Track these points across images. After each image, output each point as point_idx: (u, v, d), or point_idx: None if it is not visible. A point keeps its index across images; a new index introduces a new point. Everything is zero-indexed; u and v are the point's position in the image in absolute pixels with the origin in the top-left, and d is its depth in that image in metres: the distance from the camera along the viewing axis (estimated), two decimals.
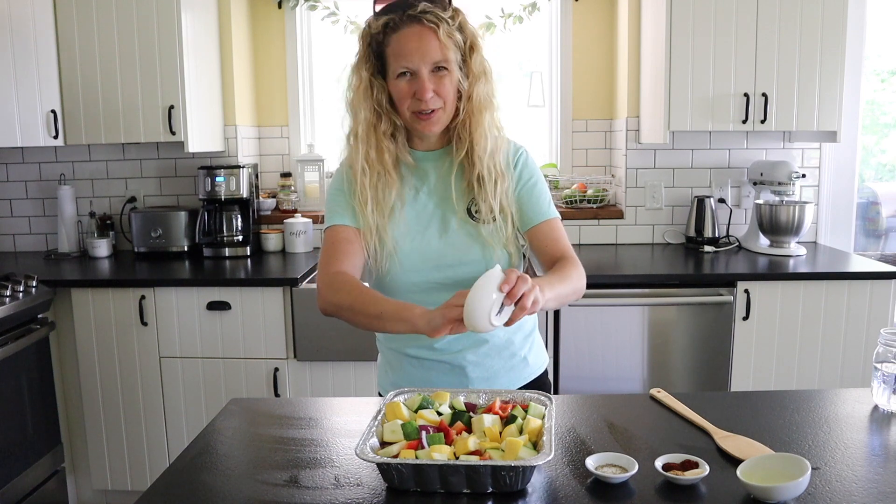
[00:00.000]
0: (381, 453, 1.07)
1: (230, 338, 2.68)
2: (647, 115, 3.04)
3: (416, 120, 1.38)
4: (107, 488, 2.83)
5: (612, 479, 1.04)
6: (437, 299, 1.39)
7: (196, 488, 1.08)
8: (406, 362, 1.49)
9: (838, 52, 2.75)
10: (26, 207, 3.36)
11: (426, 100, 1.33)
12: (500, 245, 1.42)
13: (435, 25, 1.31)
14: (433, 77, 1.34)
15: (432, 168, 1.46)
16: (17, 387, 2.46)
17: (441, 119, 1.38)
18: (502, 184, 1.41)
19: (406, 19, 1.33)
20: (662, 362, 2.67)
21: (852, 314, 2.61)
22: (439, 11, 1.32)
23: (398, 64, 1.34)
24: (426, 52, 1.32)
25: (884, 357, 1.31)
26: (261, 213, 3.30)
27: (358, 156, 1.41)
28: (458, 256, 1.41)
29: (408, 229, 1.43)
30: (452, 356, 1.45)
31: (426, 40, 1.32)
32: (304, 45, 3.40)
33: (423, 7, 1.32)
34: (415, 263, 1.41)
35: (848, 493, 1.01)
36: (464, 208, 1.43)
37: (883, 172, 3.53)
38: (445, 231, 1.42)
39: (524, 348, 1.52)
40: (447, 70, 1.34)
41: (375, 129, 1.40)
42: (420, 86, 1.33)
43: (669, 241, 3.26)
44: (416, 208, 1.44)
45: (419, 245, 1.42)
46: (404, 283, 1.42)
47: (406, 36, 1.33)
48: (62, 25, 2.84)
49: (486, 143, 1.39)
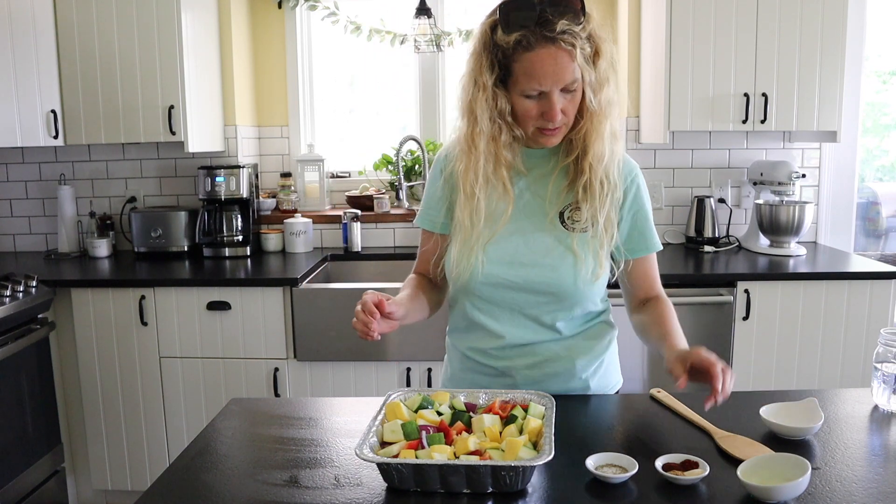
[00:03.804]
0: (381, 453, 1.07)
1: (230, 338, 2.68)
2: (647, 115, 3.04)
3: (538, 134, 1.32)
4: (107, 488, 2.83)
5: (612, 479, 1.04)
6: (501, 298, 1.38)
7: (196, 488, 1.08)
8: (462, 361, 1.47)
9: (838, 52, 2.74)
10: (26, 207, 3.36)
11: (556, 121, 1.28)
12: (593, 256, 1.34)
13: (572, 47, 1.22)
14: (562, 97, 1.26)
15: (535, 166, 1.40)
16: (17, 387, 2.46)
17: (562, 133, 1.33)
18: (613, 194, 1.34)
19: (541, 40, 1.22)
20: (662, 362, 2.66)
21: (852, 314, 2.61)
22: (576, 28, 1.22)
23: (528, 85, 1.25)
24: (561, 77, 1.23)
25: (884, 357, 1.31)
26: (261, 213, 3.30)
27: (470, 168, 1.34)
28: (534, 258, 1.35)
29: (493, 221, 1.37)
30: (506, 365, 1.41)
31: (561, 63, 1.22)
32: (304, 45, 3.40)
33: (562, 27, 1.21)
34: (491, 254, 1.36)
35: (848, 493, 1.01)
36: (556, 212, 1.36)
37: (883, 173, 3.53)
38: (530, 230, 1.37)
39: (587, 370, 1.43)
40: (577, 89, 1.26)
41: (496, 142, 1.32)
42: (550, 107, 1.26)
43: (669, 241, 3.26)
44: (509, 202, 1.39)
45: (501, 238, 1.37)
46: (479, 272, 1.36)
47: (540, 58, 1.22)
48: (62, 25, 2.84)
49: (602, 151, 1.31)
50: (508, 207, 1.36)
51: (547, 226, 1.36)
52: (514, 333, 1.39)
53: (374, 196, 3.26)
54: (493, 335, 1.40)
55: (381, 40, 3.29)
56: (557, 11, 1.22)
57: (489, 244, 1.36)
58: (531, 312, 1.38)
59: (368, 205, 3.27)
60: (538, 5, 1.23)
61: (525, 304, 1.37)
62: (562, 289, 1.35)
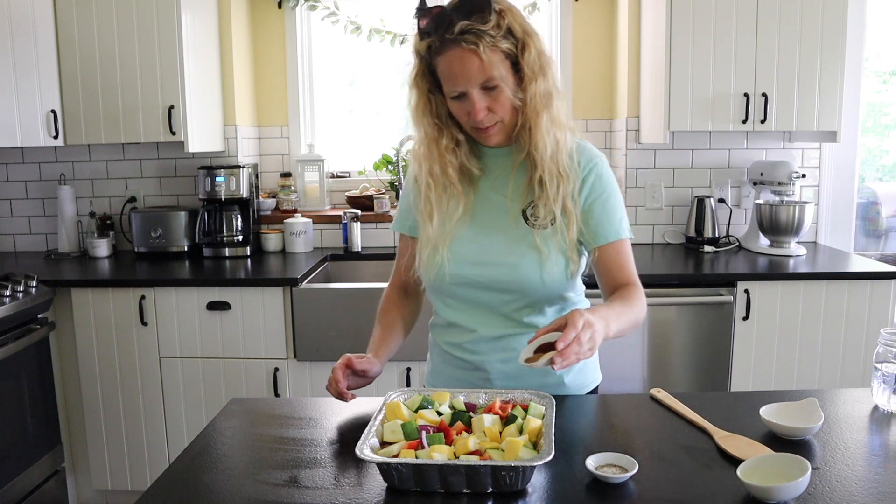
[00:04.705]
0: (381, 453, 1.07)
1: (230, 338, 2.68)
2: (647, 114, 3.04)
3: (476, 133, 1.35)
4: (107, 488, 2.83)
5: (612, 479, 1.04)
6: (470, 296, 1.40)
7: (196, 488, 1.08)
8: (441, 356, 1.50)
9: (838, 52, 2.74)
10: (26, 207, 3.36)
11: (480, 120, 1.30)
12: (559, 250, 1.35)
13: (475, 45, 1.23)
14: (485, 95, 1.28)
15: (496, 165, 1.42)
16: (17, 387, 2.46)
17: (501, 130, 1.34)
18: (565, 185, 1.34)
19: (445, 42, 1.25)
20: (662, 362, 2.67)
21: (852, 314, 2.61)
22: (479, 25, 1.23)
23: (448, 87, 1.30)
24: (470, 76, 1.25)
25: (884, 357, 1.31)
26: (261, 213, 3.30)
27: (422, 171, 1.39)
28: (498, 257, 1.36)
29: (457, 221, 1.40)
30: (480, 359, 1.43)
31: (468, 63, 1.24)
32: (304, 45, 3.40)
33: (461, 27, 1.23)
34: (456, 254, 1.38)
35: (848, 493, 1.01)
36: (520, 209, 1.37)
37: (883, 173, 3.53)
38: (494, 229, 1.38)
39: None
40: (498, 86, 1.27)
41: (437, 144, 1.36)
42: (472, 107, 1.28)
43: (669, 241, 3.26)
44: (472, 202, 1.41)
45: (465, 238, 1.39)
46: (446, 272, 1.39)
47: (448, 60, 1.26)
48: (62, 25, 2.84)
49: (544, 144, 1.31)
50: (459, 206, 1.38)
51: (510, 224, 1.38)
52: (486, 329, 1.41)
53: (374, 196, 3.27)
54: (466, 330, 1.43)
55: (381, 40, 3.29)
56: (461, 13, 1.24)
57: (453, 244, 1.38)
58: (502, 310, 1.40)
59: (368, 205, 3.27)
60: (443, 9, 1.27)
61: (494, 302, 1.39)
62: (527, 286, 1.36)
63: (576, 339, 1.10)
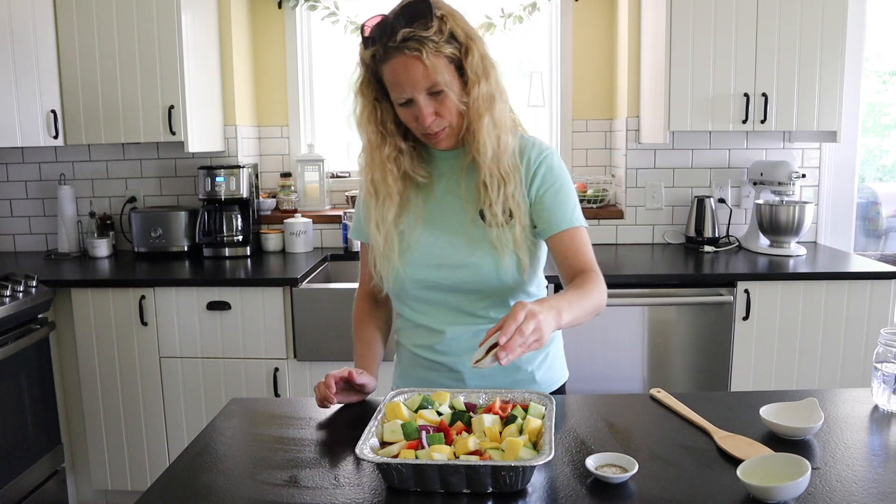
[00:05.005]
0: (381, 453, 1.07)
1: (230, 338, 2.68)
2: (647, 115, 3.04)
3: (426, 139, 1.37)
4: (107, 488, 2.83)
5: (612, 479, 1.04)
6: (435, 298, 1.42)
7: (196, 488, 1.08)
8: (410, 358, 1.50)
9: (838, 52, 2.74)
10: (26, 207, 3.36)
11: (428, 125, 1.31)
12: (513, 247, 1.37)
13: (418, 52, 1.24)
14: (431, 101, 1.30)
15: (448, 168, 1.43)
16: (17, 387, 2.46)
17: (450, 134, 1.35)
18: (506, 187, 1.36)
19: (388, 51, 1.26)
20: (662, 362, 2.67)
21: (852, 314, 2.61)
22: (421, 32, 1.24)
23: (395, 94, 1.31)
24: (415, 82, 1.27)
25: (884, 357, 1.31)
26: (261, 213, 3.30)
27: (365, 180, 1.42)
28: (459, 259, 1.38)
29: (415, 225, 1.41)
30: (453, 360, 1.44)
31: (412, 70, 1.26)
32: (304, 45, 3.40)
33: (404, 34, 1.24)
34: (416, 259, 1.40)
35: (848, 493, 1.01)
36: (476, 210, 1.39)
37: (883, 172, 3.53)
38: (453, 232, 1.40)
39: (532, 363, 1.47)
40: (443, 91, 1.29)
41: (379, 153, 1.37)
42: (419, 112, 1.30)
43: (669, 241, 3.26)
44: (428, 206, 1.43)
45: (424, 242, 1.41)
46: (405, 278, 1.41)
47: (392, 68, 1.27)
48: (62, 25, 2.84)
49: (486, 147, 1.33)
50: (402, 214, 1.40)
51: (468, 225, 1.39)
52: (453, 329, 1.42)
53: None
54: (434, 332, 1.44)
55: None
56: (403, 20, 1.26)
57: (413, 249, 1.40)
58: (467, 308, 1.41)
59: None
60: (385, 17, 1.28)
61: (459, 302, 1.41)
62: (487, 286, 1.38)
63: (517, 330, 1.10)
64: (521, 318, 1.12)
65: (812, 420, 1.20)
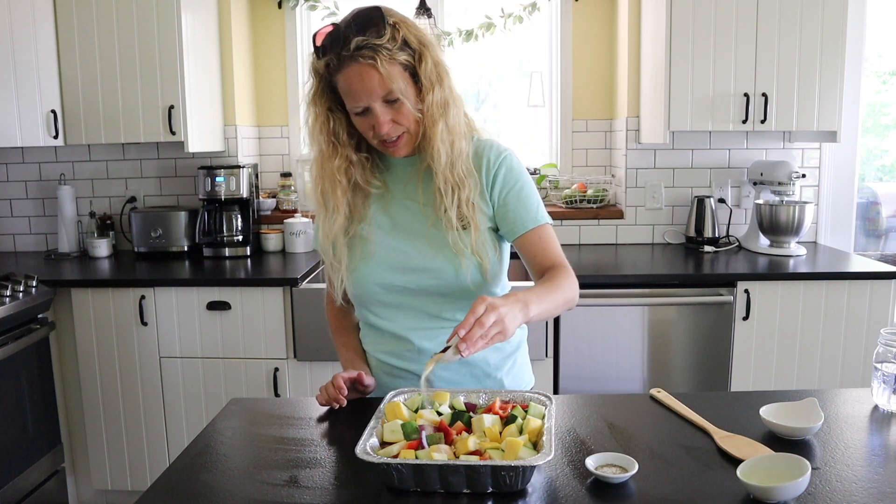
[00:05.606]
0: (381, 453, 1.07)
1: (230, 338, 2.68)
2: (647, 115, 3.04)
3: (383, 147, 1.36)
4: (107, 488, 2.83)
5: (612, 479, 1.04)
6: (400, 302, 1.42)
7: (196, 488, 1.08)
8: (378, 367, 1.49)
9: (838, 52, 2.75)
10: (26, 207, 3.36)
11: (386, 132, 1.31)
12: (468, 253, 1.36)
13: (373, 60, 1.24)
14: (388, 108, 1.29)
15: (405, 174, 1.43)
16: (17, 387, 2.46)
17: (409, 141, 1.35)
18: (460, 192, 1.35)
19: (342, 60, 1.26)
20: (662, 362, 2.67)
21: (852, 314, 2.61)
22: (374, 40, 1.24)
23: (350, 103, 1.31)
24: (372, 91, 1.26)
25: (884, 357, 1.31)
26: (261, 213, 3.30)
27: (315, 191, 1.41)
28: (423, 262, 1.38)
29: (377, 230, 1.41)
30: (419, 367, 1.41)
31: (367, 78, 1.25)
32: (305, 45, 3.40)
33: (357, 42, 1.24)
34: (380, 262, 1.40)
35: (848, 493, 1.01)
36: (436, 214, 1.38)
37: (883, 172, 3.53)
38: (414, 236, 1.40)
39: (501, 370, 1.47)
40: (399, 99, 1.29)
41: (330, 163, 1.37)
42: (376, 121, 1.30)
43: (669, 241, 3.26)
44: (388, 212, 1.43)
45: (388, 246, 1.40)
46: (369, 281, 1.41)
47: (347, 77, 1.27)
48: (62, 26, 2.84)
49: (440, 153, 1.33)
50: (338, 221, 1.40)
51: (429, 230, 1.39)
52: (420, 335, 1.42)
53: None
54: (400, 339, 1.43)
55: None
56: (355, 29, 1.25)
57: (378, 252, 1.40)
58: (432, 311, 1.41)
59: None
60: (337, 26, 1.28)
61: (424, 305, 1.41)
62: (449, 289, 1.38)
63: (476, 322, 1.11)
64: (480, 311, 1.13)
65: (812, 420, 1.20)
